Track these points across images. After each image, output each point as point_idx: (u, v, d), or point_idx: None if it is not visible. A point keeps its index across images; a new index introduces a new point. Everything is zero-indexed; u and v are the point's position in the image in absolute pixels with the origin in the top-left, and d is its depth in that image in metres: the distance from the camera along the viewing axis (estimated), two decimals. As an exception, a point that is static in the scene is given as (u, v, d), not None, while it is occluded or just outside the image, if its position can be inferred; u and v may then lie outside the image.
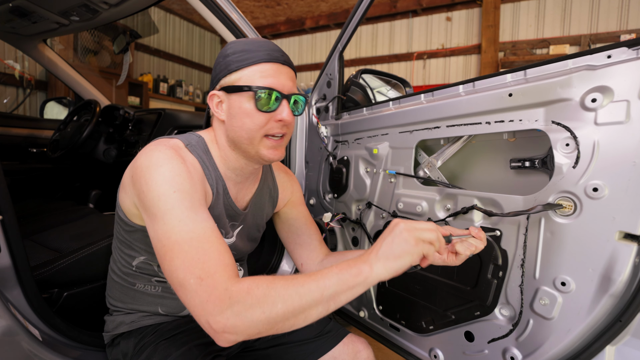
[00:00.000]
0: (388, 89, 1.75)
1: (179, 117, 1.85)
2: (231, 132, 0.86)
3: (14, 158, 2.18)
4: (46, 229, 1.47)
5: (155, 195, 0.73)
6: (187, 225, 0.70)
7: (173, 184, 0.73)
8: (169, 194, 0.72)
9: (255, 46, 0.84)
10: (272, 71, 0.83)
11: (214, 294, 0.64)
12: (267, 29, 6.99)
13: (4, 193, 0.90)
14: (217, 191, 0.88)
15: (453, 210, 1.00)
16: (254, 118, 0.83)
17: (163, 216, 0.71)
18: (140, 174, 0.76)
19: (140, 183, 0.76)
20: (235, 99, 0.84)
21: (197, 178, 0.81)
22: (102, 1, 1.59)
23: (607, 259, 0.74)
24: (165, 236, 0.70)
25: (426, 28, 5.71)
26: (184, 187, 0.74)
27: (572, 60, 0.79)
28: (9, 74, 4.03)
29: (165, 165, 0.75)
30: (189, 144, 0.86)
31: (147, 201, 0.74)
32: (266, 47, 0.84)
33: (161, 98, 6.15)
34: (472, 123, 0.96)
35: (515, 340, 0.88)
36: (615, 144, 0.73)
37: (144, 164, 0.77)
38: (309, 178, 1.58)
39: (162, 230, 0.71)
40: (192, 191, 0.75)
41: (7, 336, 0.79)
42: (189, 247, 0.68)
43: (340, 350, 0.99)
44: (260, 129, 0.84)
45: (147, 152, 0.79)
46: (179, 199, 0.72)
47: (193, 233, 0.70)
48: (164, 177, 0.74)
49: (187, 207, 0.72)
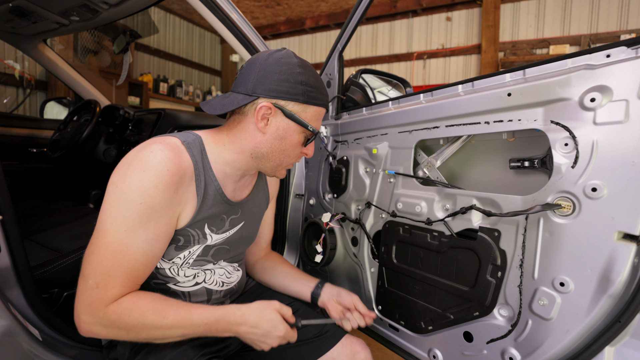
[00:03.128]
0: (389, 89, 1.75)
1: (179, 117, 1.85)
2: (267, 148, 0.88)
3: (14, 158, 2.18)
4: (46, 229, 1.47)
5: (123, 196, 0.74)
6: (128, 239, 0.75)
7: (144, 196, 0.74)
8: (134, 202, 0.74)
9: (322, 87, 0.91)
10: (322, 116, 0.93)
11: (95, 304, 0.74)
12: (267, 29, 6.99)
13: (4, 193, 0.90)
14: (206, 193, 0.87)
15: (452, 210, 1.00)
16: (295, 150, 0.91)
17: (116, 217, 0.75)
18: (124, 169, 0.76)
19: (119, 176, 0.76)
20: (290, 125, 0.87)
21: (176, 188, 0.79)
22: (102, 1, 1.59)
23: (606, 259, 0.74)
24: (103, 233, 0.75)
25: (426, 28, 5.71)
26: (153, 202, 0.75)
27: (571, 60, 0.79)
28: (9, 74, 4.03)
29: (149, 171, 0.75)
30: (186, 141, 0.85)
31: (114, 193, 0.76)
32: (327, 93, 0.93)
33: (161, 98, 6.15)
34: (471, 123, 0.96)
35: (514, 340, 0.88)
36: (614, 143, 0.73)
37: (132, 160, 0.77)
38: (309, 178, 1.58)
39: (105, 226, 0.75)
40: (159, 208, 0.77)
41: (7, 336, 0.79)
42: (111, 256, 0.74)
43: (338, 351, 1.00)
44: (293, 159, 0.93)
45: (140, 149, 0.78)
46: (139, 212, 0.75)
47: (126, 248, 0.75)
48: (141, 184, 0.74)
49: (142, 222, 0.76)
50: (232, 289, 1.03)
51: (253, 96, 0.84)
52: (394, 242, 1.17)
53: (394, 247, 1.17)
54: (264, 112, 0.85)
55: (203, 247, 0.92)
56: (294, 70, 0.85)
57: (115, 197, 0.75)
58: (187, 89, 6.68)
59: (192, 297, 0.94)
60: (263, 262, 1.20)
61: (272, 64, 0.85)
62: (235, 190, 0.96)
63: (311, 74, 0.88)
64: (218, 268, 0.98)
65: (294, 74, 0.85)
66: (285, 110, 0.85)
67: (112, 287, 0.74)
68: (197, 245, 0.90)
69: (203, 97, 7.03)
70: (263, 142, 0.87)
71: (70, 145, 1.86)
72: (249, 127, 0.87)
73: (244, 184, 0.99)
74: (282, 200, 1.64)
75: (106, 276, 0.74)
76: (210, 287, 0.96)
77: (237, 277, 1.04)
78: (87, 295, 0.74)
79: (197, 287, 0.94)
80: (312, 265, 1.43)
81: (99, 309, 0.74)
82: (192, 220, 0.85)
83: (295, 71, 0.85)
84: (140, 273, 0.79)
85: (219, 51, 7.74)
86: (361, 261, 1.30)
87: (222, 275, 0.99)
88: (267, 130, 0.87)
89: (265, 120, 0.86)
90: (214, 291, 0.97)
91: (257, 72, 0.85)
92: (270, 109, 0.84)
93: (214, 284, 0.97)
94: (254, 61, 0.87)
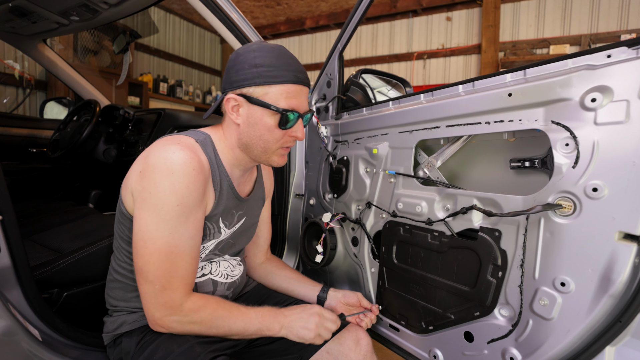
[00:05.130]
0: (389, 89, 1.75)
1: (179, 117, 1.85)
2: (246, 138, 0.91)
3: (14, 158, 2.18)
4: (46, 229, 1.47)
5: (160, 201, 0.79)
6: (175, 239, 0.81)
7: (179, 197, 0.79)
8: (172, 205, 0.79)
9: (283, 63, 0.87)
10: (296, 93, 0.89)
11: (169, 303, 0.82)
12: (267, 29, 6.99)
13: (4, 193, 0.90)
14: (221, 188, 0.92)
15: (452, 210, 1.00)
16: (273, 133, 0.90)
17: (159, 222, 0.79)
18: (152, 174, 0.79)
19: (149, 182, 0.79)
20: (257, 110, 0.88)
21: (203, 185, 0.85)
22: (102, 1, 1.59)
23: (606, 259, 0.73)
24: (151, 240, 0.79)
25: (426, 28, 5.70)
26: (187, 201, 0.80)
27: (572, 60, 0.79)
28: (9, 74, 4.03)
29: (178, 173, 0.79)
30: (199, 139, 0.89)
31: (149, 200, 0.79)
32: (294, 68, 0.88)
33: (161, 98, 6.15)
34: (472, 123, 0.96)
35: (514, 340, 0.88)
36: (615, 143, 0.73)
37: (157, 164, 0.79)
38: (309, 178, 1.58)
39: (151, 233, 0.79)
40: (193, 205, 0.82)
41: (7, 336, 0.79)
42: (166, 259, 0.80)
43: (345, 336, 1.03)
44: (276, 142, 0.92)
45: (161, 151, 0.81)
46: (178, 213, 0.80)
47: (175, 248, 0.81)
48: (174, 187, 0.79)
49: (182, 222, 0.81)
50: (235, 282, 1.05)
51: (224, 93, 0.90)
52: (395, 242, 1.17)
53: (394, 247, 1.17)
54: (232, 105, 0.89)
55: (216, 243, 0.97)
56: (248, 57, 0.86)
57: (151, 204, 0.79)
58: (187, 89, 6.68)
59: (199, 288, 0.97)
60: (265, 266, 1.23)
61: (233, 59, 0.89)
62: (240, 186, 1.00)
63: (268, 54, 0.86)
64: (223, 261, 1.02)
65: (249, 59, 0.86)
66: (246, 96, 0.87)
67: (177, 286, 0.82)
68: (212, 240, 0.95)
69: (203, 97, 7.03)
70: (242, 133, 0.91)
71: (70, 145, 1.86)
72: (229, 122, 0.92)
73: (246, 179, 1.04)
74: (282, 200, 1.64)
75: (169, 278, 0.81)
76: (216, 278, 1.00)
77: (239, 272, 1.07)
78: (158, 298, 0.81)
79: (204, 279, 0.98)
80: (312, 265, 1.43)
81: (175, 307, 0.82)
82: (210, 214, 0.91)
83: (249, 57, 0.86)
84: (194, 267, 0.86)
85: (219, 51, 7.74)
86: (361, 261, 1.30)
87: (226, 268, 1.03)
88: (240, 121, 0.90)
89: (236, 112, 0.89)
90: (219, 283, 1.00)
91: (225, 71, 0.90)
92: (235, 99, 0.88)
93: (219, 276, 1.00)
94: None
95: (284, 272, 1.21)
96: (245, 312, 0.90)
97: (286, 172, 1.62)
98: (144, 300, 0.83)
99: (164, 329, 0.85)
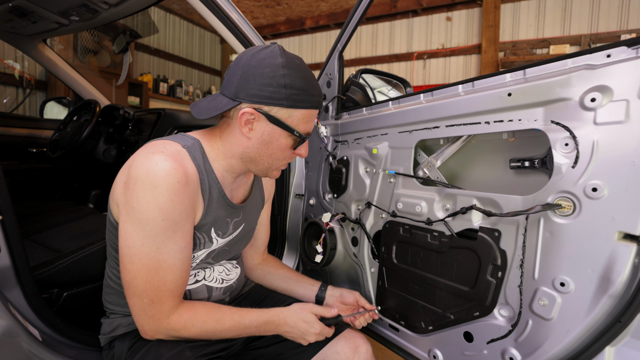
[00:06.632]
0: (389, 89, 1.75)
1: (178, 117, 1.85)
2: (254, 153, 0.87)
3: (14, 158, 2.18)
4: (46, 229, 1.47)
5: (144, 216, 0.75)
6: (162, 254, 0.78)
7: (163, 211, 0.76)
8: (157, 220, 0.76)
9: (310, 87, 0.84)
10: (313, 117, 0.89)
11: (157, 317, 0.81)
12: (267, 29, 6.99)
13: (4, 193, 0.90)
14: (211, 196, 0.87)
15: (452, 210, 1.00)
16: (284, 153, 0.89)
17: (144, 238, 0.76)
18: (134, 187, 0.76)
19: (132, 196, 0.76)
20: (275, 130, 0.84)
21: (190, 196, 0.80)
22: (102, 1, 1.59)
23: (606, 259, 0.73)
24: (138, 256, 0.77)
25: (426, 28, 5.70)
26: (172, 215, 0.77)
27: (572, 60, 0.79)
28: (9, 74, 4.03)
29: (161, 186, 0.75)
30: (186, 145, 0.84)
31: (133, 215, 0.76)
32: (317, 92, 0.87)
33: (161, 98, 6.15)
34: (472, 123, 0.96)
35: (514, 340, 0.88)
36: (614, 143, 0.73)
37: (139, 176, 0.75)
38: (309, 178, 1.58)
39: (137, 249, 0.77)
40: (179, 218, 0.79)
41: (7, 336, 0.79)
42: (154, 274, 0.78)
43: (342, 345, 1.01)
44: (283, 160, 0.91)
45: (144, 162, 0.77)
46: (164, 227, 0.77)
47: (164, 262, 0.79)
48: (157, 201, 0.75)
49: (169, 236, 0.78)
50: (231, 286, 1.03)
51: (236, 101, 0.82)
52: (394, 242, 1.17)
53: (394, 247, 1.17)
54: (247, 118, 0.82)
55: (207, 252, 0.93)
56: (277, 73, 0.80)
57: (136, 218, 0.76)
58: (187, 89, 6.69)
59: (192, 295, 0.94)
60: (263, 266, 1.22)
61: (254, 66, 0.81)
62: (232, 192, 0.96)
63: (297, 75, 0.82)
64: (217, 266, 0.99)
65: (277, 76, 0.80)
66: (269, 115, 0.82)
67: (165, 299, 0.80)
68: (203, 250, 0.91)
69: (203, 96, 7.00)
70: (250, 147, 0.86)
71: (70, 145, 1.86)
72: (235, 131, 0.86)
73: (239, 184, 0.99)
74: (282, 200, 1.64)
75: (157, 292, 0.79)
76: (210, 284, 0.97)
77: (236, 274, 1.05)
78: (147, 311, 0.81)
79: (198, 285, 0.95)
80: (312, 265, 1.43)
81: (162, 320, 0.81)
82: (199, 224, 0.87)
83: (278, 73, 0.80)
84: (184, 280, 0.84)
85: (219, 51, 7.74)
86: (361, 261, 1.30)
87: (221, 273, 1.00)
88: (252, 136, 0.85)
89: (249, 126, 0.84)
90: (214, 288, 0.98)
91: (239, 75, 0.81)
92: (253, 114, 0.82)
93: (213, 281, 0.98)
94: (238, 61, 0.84)
95: (281, 272, 1.20)
96: (238, 320, 0.89)
97: (286, 172, 1.62)
98: (133, 312, 0.83)
99: (155, 338, 0.85)
